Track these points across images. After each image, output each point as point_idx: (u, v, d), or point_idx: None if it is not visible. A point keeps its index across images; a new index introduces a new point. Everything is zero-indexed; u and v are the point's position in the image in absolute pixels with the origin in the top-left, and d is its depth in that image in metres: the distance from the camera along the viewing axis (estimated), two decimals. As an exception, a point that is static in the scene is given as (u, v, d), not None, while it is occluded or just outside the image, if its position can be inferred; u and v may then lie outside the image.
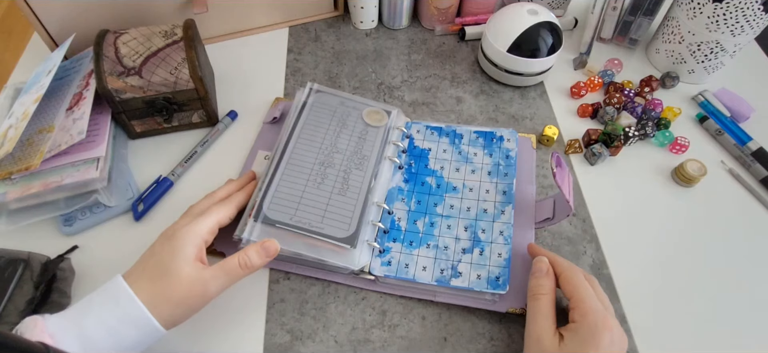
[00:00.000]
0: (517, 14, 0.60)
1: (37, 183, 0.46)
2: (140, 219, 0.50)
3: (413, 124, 0.58)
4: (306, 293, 0.46)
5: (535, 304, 0.40)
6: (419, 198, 0.51)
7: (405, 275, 0.45)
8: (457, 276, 0.45)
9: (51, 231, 0.49)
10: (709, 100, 0.62)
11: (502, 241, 0.47)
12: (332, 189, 0.49)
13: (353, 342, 0.43)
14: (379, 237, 0.48)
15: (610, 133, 0.56)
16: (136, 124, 0.54)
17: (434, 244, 0.48)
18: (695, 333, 0.45)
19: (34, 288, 0.40)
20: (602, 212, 0.52)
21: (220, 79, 0.63)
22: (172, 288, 0.37)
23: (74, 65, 0.55)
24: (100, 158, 0.48)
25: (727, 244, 0.51)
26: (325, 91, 0.57)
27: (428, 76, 0.66)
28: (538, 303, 0.40)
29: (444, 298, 0.45)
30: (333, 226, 0.46)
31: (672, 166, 0.56)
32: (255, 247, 0.41)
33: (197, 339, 0.43)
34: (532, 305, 0.41)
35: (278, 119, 0.58)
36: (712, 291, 0.48)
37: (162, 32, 0.53)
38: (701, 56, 0.62)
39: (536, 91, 0.64)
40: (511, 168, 0.52)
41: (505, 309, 0.44)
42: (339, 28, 0.72)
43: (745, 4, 0.54)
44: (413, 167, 0.54)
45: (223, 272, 0.39)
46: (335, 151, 0.52)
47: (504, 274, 0.44)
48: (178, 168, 0.53)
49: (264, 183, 0.48)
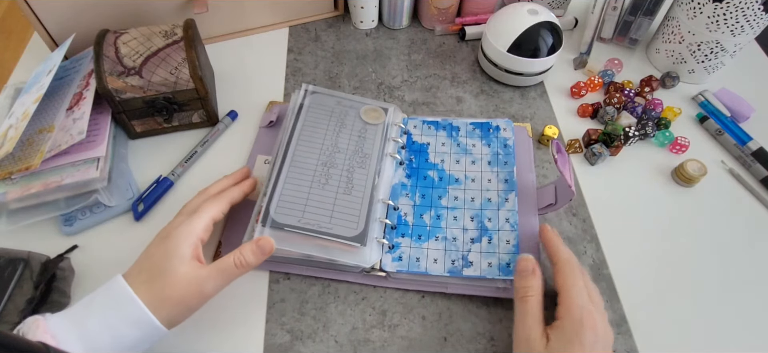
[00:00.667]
0: (517, 14, 0.60)
1: (37, 183, 0.46)
2: (140, 219, 0.50)
3: (410, 120, 0.58)
4: (306, 293, 0.46)
5: (522, 306, 0.40)
6: (423, 193, 0.51)
7: (417, 269, 0.46)
8: (469, 266, 0.45)
9: (51, 230, 0.49)
10: (709, 100, 0.62)
11: (509, 228, 0.47)
12: (337, 189, 0.49)
13: (353, 342, 0.43)
14: (388, 233, 0.48)
15: (610, 132, 0.56)
16: (136, 123, 0.54)
17: (443, 236, 0.48)
18: (695, 332, 0.45)
19: (34, 288, 0.40)
20: (602, 212, 0.52)
21: (221, 78, 0.63)
22: (169, 289, 0.37)
23: (74, 65, 0.55)
24: (100, 158, 0.48)
25: (727, 244, 0.51)
26: (320, 92, 0.57)
27: (428, 76, 0.66)
28: (526, 305, 0.40)
29: (455, 289, 0.46)
30: (341, 226, 0.46)
31: (672, 165, 0.56)
32: (250, 246, 0.41)
33: (197, 339, 0.43)
34: (520, 307, 0.40)
35: (274, 123, 0.58)
36: (712, 291, 0.48)
37: (162, 32, 0.53)
38: (701, 56, 0.62)
39: (536, 91, 0.64)
40: (510, 156, 0.53)
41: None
42: (339, 28, 0.72)
43: (745, 4, 0.54)
44: (414, 162, 0.54)
45: (218, 271, 0.39)
46: (336, 150, 0.52)
47: (514, 260, 0.45)
48: (179, 168, 0.53)
49: (268, 188, 0.48)
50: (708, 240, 0.51)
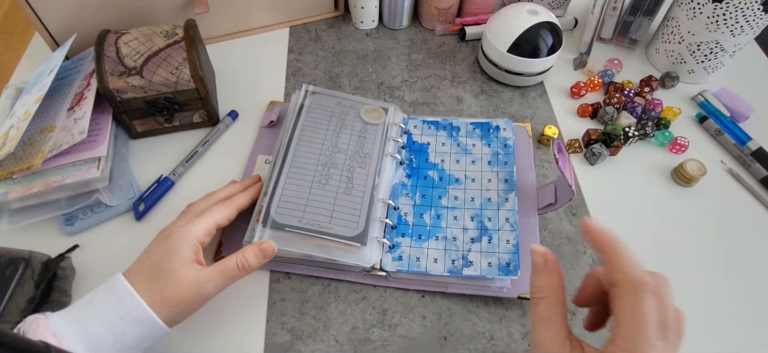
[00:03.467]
0: (517, 14, 0.60)
1: (38, 182, 0.46)
2: (141, 219, 0.50)
3: (410, 120, 0.58)
4: (306, 292, 0.46)
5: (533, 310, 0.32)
6: (423, 192, 0.51)
7: (417, 268, 0.46)
8: (469, 266, 0.46)
9: (52, 230, 0.49)
10: (709, 100, 0.62)
11: (509, 228, 0.47)
12: (337, 189, 0.49)
13: (354, 341, 0.44)
14: (388, 233, 0.48)
15: (610, 132, 0.56)
16: (137, 123, 0.54)
17: (443, 236, 0.48)
18: (695, 332, 0.45)
19: (35, 287, 0.41)
20: (602, 212, 0.52)
21: (221, 78, 0.64)
22: (169, 290, 0.37)
23: (75, 65, 0.55)
24: (101, 158, 0.48)
25: (726, 244, 0.51)
26: (321, 92, 0.57)
27: (429, 76, 0.66)
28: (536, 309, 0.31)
29: (455, 289, 0.46)
30: (342, 226, 0.46)
31: (672, 165, 0.56)
32: (252, 248, 0.41)
33: (198, 338, 0.43)
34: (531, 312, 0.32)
35: (275, 123, 0.58)
36: (712, 291, 0.48)
37: (163, 32, 0.53)
38: (701, 56, 0.62)
39: (536, 91, 0.64)
40: (510, 156, 0.53)
41: (517, 295, 0.45)
42: (339, 28, 0.72)
43: (745, 4, 0.54)
44: (414, 162, 0.54)
45: (220, 273, 0.39)
46: (337, 150, 0.52)
47: (514, 260, 0.45)
48: (179, 167, 0.53)
49: (269, 188, 0.48)
50: (707, 240, 0.51)
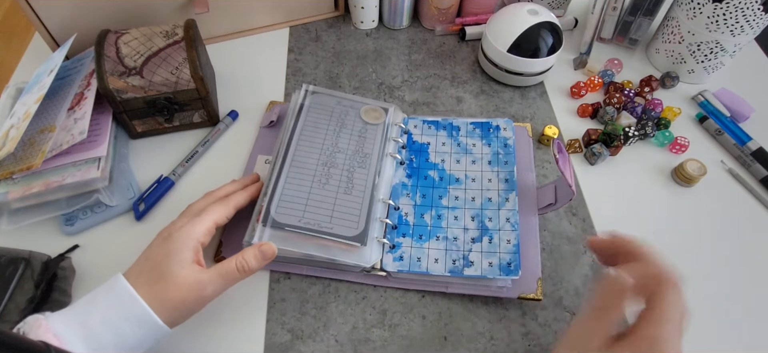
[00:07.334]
0: (517, 14, 0.60)
1: (38, 182, 0.46)
2: (141, 219, 0.50)
3: (410, 119, 0.58)
4: (306, 292, 0.46)
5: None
6: (424, 192, 0.51)
7: (418, 268, 0.46)
8: (469, 266, 0.46)
9: (52, 230, 0.49)
10: (709, 100, 0.62)
11: (510, 228, 0.47)
12: (337, 189, 0.49)
13: (354, 341, 0.43)
14: (388, 233, 0.48)
15: (610, 132, 0.56)
16: (137, 123, 0.54)
17: (443, 236, 0.48)
18: (695, 332, 0.45)
19: (35, 287, 0.41)
20: (602, 212, 0.52)
21: (221, 78, 0.64)
22: (169, 292, 0.37)
23: (75, 65, 0.55)
24: (101, 158, 0.48)
25: (726, 244, 0.51)
26: (321, 92, 0.57)
27: (429, 76, 0.66)
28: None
29: (456, 289, 0.46)
30: (342, 226, 0.46)
31: (672, 165, 0.56)
32: (252, 250, 0.41)
33: (198, 338, 0.43)
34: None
35: (275, 123, 0.58)
36: (711, 291, 0.48)
37: (163, 32, 0.53)
38: (701, 56, 0.62)
39: (536, 91, 0.64)
40: (510, 156, 0.53)
41: (517, 295, 0.45)
42: (339, 28, 0.72)
43: (745, 4, 0.54)
44: (414, 162, 0.54)
45: (219, 276, 0.39)
46: (337, 150, 0.52)
47: (515, 260, 0.45)
48: (179, 167, 0.53)
49: (269, 188, 0.48)
50: (707, 240, 0.51)
